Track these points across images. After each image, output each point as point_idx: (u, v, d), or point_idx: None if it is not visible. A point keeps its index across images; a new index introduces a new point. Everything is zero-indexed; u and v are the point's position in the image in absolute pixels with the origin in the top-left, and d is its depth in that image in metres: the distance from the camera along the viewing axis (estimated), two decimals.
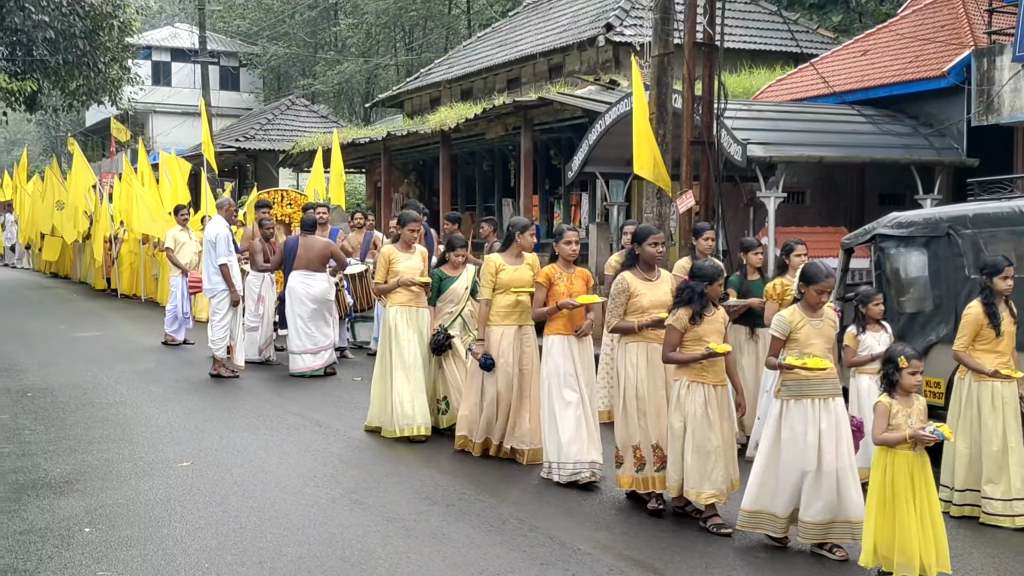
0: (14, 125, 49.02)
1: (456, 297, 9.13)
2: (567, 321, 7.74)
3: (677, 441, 6.63)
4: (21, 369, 12.93)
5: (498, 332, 8.22)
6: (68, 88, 24.36)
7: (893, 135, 13.51)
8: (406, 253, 9.44)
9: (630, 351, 7.05)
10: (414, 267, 9.35)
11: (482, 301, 8.34)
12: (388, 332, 9.20)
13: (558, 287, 7.74)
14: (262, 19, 48.03)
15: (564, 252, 7.87)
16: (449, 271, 9.16)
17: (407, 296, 9.25)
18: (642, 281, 7.11)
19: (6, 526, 6.58)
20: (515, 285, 8.18)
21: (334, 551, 6.14)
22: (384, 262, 9.36)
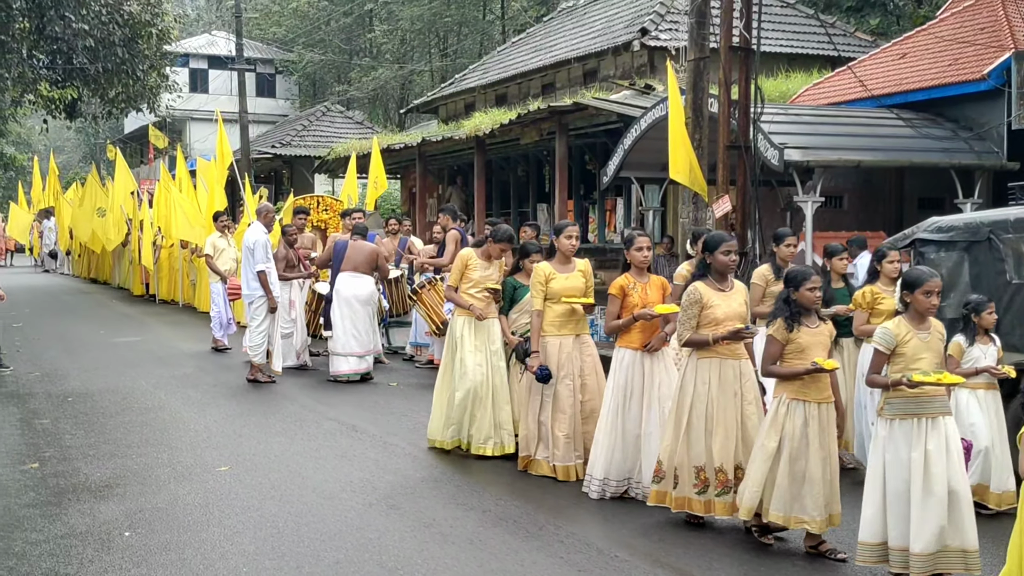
0: (54, 132, 49.68)
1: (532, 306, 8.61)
2: (643, 333, 7.34)
3: (767, 462, 6.20)
4: (62, 374, 13.07)
5: (555, 343, 7.87)
6: (107, 96, 24.60)
7: (932, 139, 13.39)
8: (485, 262, 8.94)
9: (703, 368, 6.66)
10: (489, 278, 8.89)
11: (534, 311, 7.97)
12: (454, 344, 8.78)
13: (632, 298, 7.34)
14: (298, 26, 48.34)
15: (636, 259, 7.47)
16: (523, 279, 8.64)
17: (476, 305, 8.82)
18: (715, 292, 6.72)
19: (47, 530, 6.65)
20: (567, 294, 7.85)
21: (371, 556, 6.16)
22: (461, 265, 8.90)
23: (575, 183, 20.93)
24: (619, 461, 7.31)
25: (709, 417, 6.60)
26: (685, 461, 6.67)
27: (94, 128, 53.70)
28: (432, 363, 13.48)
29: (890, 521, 5.73)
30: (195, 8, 62.91)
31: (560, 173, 17.82)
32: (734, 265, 6.87)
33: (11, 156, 40.63)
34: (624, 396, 7.32)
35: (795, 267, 6.61)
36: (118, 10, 22.42)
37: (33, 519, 6.88)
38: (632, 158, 14.54)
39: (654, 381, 7.32)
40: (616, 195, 19.70)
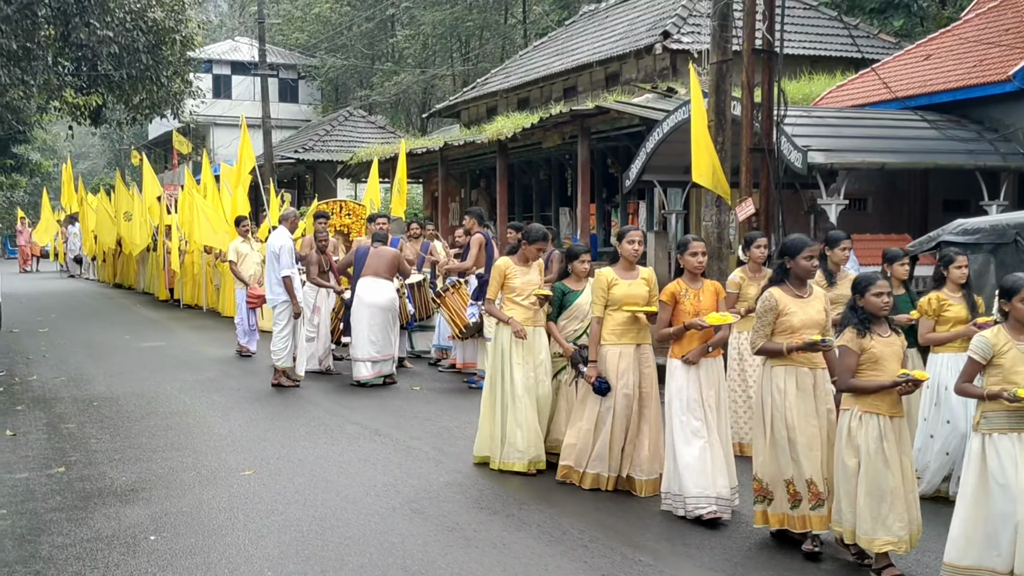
0: (79, 139, 50.02)
1: (582, 313, 8.25)
2: (698, 342, 7.08)
3: (851, 480, 5.89)
4: (88, 379, 13.15)
5: (615, 352, 7.58)
6: (131, 102, 24.72)
7: (957, 140, 13.30)
8: (523, 267, 8.54)
9: (777, 376, 6.38)
10: (531, 282, 8.48)
11: (593, 319, 7.66)
12: (500, 354, 8.37)
13: (684, 305, 7.07)
14: (320, 32, 48.53)
15: (690, 265, 7.20)
16: (572, 284, 8.32)
17: (522, 314, 8.38)
18: (793, 298, 6.42)
19: (74, 533, 6.69)
20: (629, 301, 7.56)
21: (395, 560, 6.16)
22: (499, 276, 8.48)
23: (597, 187, 20.91)
24: (696, 475, 6.94)
25: (791, 427, 6.30)
26: (775, 475, 6.39)
27: (118, 134, 54.01)
28: (455, 367, 13.51)
29: (993, 545, 5.42)
30: (218, 14, 63.26)
31: (582, 177, 17.81)
32: (815, 271, 6.63)
33: (37, 162, 40.95)
34: (681, 406, 7.06)
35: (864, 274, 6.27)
36: (142, 17, 22.53)
37: (59, 523, 6.92)
38: (654, 161, 14.52)
39: (709, 387, 7.08)
40: (638, 198, 19.65)
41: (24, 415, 10.78)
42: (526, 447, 8.16)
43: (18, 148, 38.45)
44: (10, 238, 51.75)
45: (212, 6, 60.33)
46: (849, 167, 12.10)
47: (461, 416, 10.57)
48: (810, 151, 11.77)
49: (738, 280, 8.82)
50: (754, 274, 8.82)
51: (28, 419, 10.56)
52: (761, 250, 8.84)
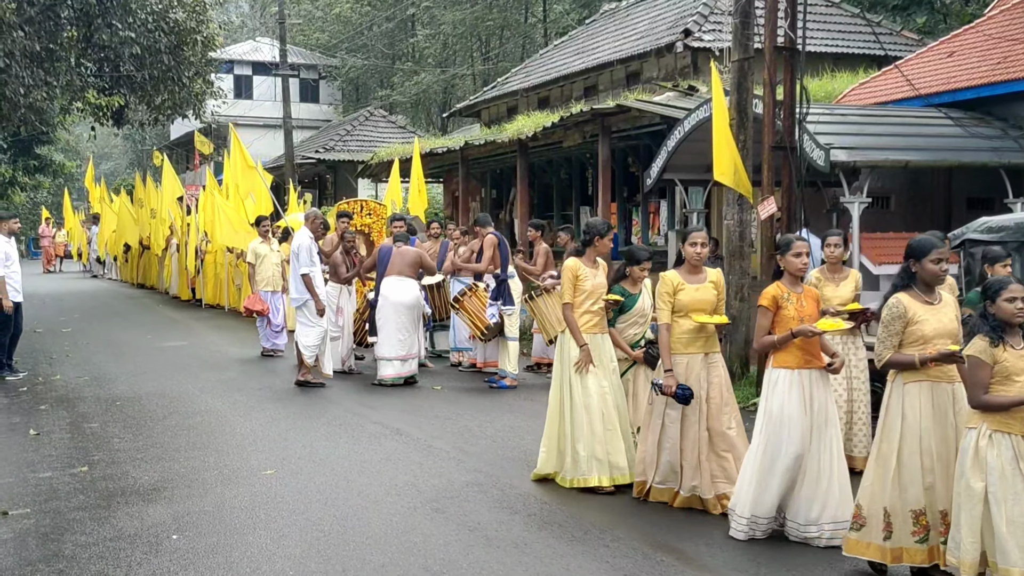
0: (101, 140, 50.29)
1: (643, 316, 8.07)
2: (801, 352, 6.50)
3: (977, 506, 5.34)
4: (110, 378, 13.22)
5: (682, 361, 7.16)
6: (153, 103, 24.86)
7: (981, 138, 13.18)
8: (592, 268, 8.02)
9: (910, 392, 5.78)
10: (601, 285, 8.00)
11: (660, 325, 7.22)
12: (565, 363, 7.92)
13: (787, 310, 6.55)
14: (341, 32, 48.66)
15: (793, 267, 6.66)
16: (630, 287, 8.12)
17: (588, 320, 7.91)
18: (922, 305, 5.83)
19: (97, 532, 6.71)
20: (696, 307, 7.17)
21: (416, 560, 6.15)
22: (571, 278, 7.91)
23: (618, 185, 20.85)
24: (771, 498, 6.50)
25: (925, 452, 5.73)
26: (898, 506, 5.77)
27: (141, 135, 54.35)
28: (475, 367, 13.51)
29: None
30: (239, 15, 63.49)
31: (603, 176, 17.76)
32: (945, 275, 6.06)
33: (60, 163, 41.21)
34: (779, 424, 6.47)
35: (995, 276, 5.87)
36: (164, 18, 22.65)
37: (83, 522, 6.96)
38: (676, 160, 14.45)
39: (814, 406, 6.49)
40: (660, 197, 19.60)
41: (47, 414, 10.85)
42: (599, 462, 7.69)
43: (41, 149, 38.72)
44: (34, 240, 52.13)
45: (233, 7, 60.54)
46: (872, 165, 12.00)
47: (482, 415, 10.57)
48: (833, 149, 11.68)
49: (814, 281, 8.35)
50: (832, 274, 8.50)
51: (51, 418, 10.62)
52: (833, 249, 8.47)
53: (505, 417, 10.54)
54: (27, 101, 19.83)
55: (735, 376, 11.97)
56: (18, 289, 13.13)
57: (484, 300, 12.47)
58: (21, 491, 7.79)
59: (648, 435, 7.38)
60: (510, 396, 11.83)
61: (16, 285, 13.07)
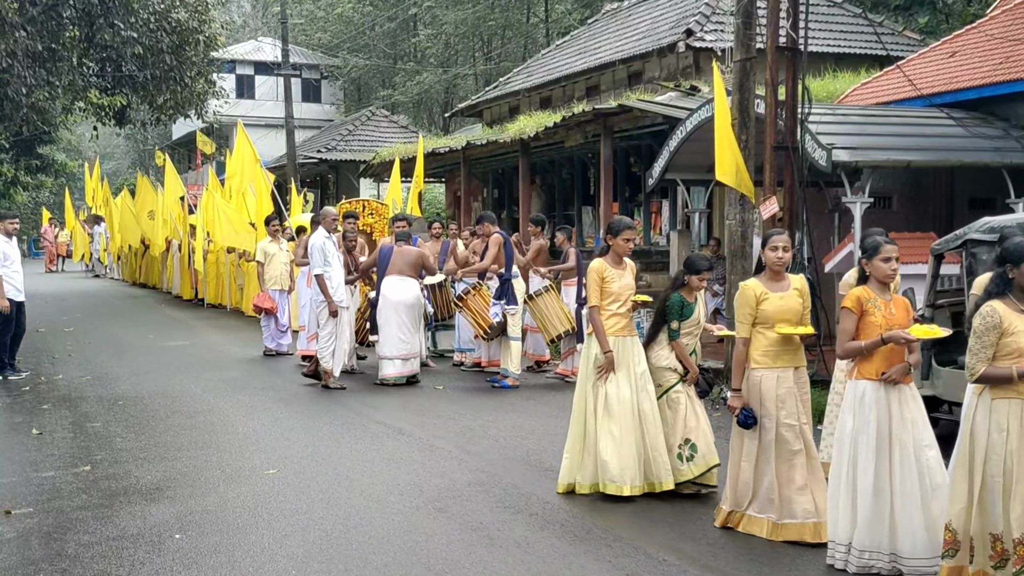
0: (103, 139, 50.35)
1: (696, 326, 7.71)
2: (886, 361, 5.97)
3: None
4: (113, 378, 13.23)
5: (771, 377, 6.57)
6: (156, 102, 24.91)
7: (983, 138, 13.18)
8: (618, 269, 7.73)
9: (998, 410, 5.40)
10: (628, 286, 7.73)
11: (738, 339, 6.70)
12: (590, 368, 7.64)
13: (873, 317, 6.01)
14: (343, 32, 48.67)
15: (881, 272, 6.11)
16: (688, 295, 7.69)
17: (616, 323, 7.62)
18: (1019, 315, 5.47)
19: (99, 532, 6.72)
20: (781, 317, 6.58)
21: (419, 559, 6.16)
22: (596, 280, 7.62)
23: (620, 185, 20.86)
24: (869, 524, 5.91)
25: (1007, 473, 5.35)
26: (979, 528, 5.46)
27: (143, 134, 54.39)
28: (479, 366, 13.52)
29: None
30: (241, 15, 63.51)
31: (605, 175, 17.77)
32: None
33: (62, 163, 41.24)
34: (868, 441, 5.93)
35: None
36: (166, 18, 22.69)
37: (85, 521, 6.96)
38: (678, 160, 14.46)
39: (904, 421, 5.97)
40: (661, 197, 19.61)
41: (50, 414, 10.86)
42: (621, 468, 7.37)
43: (43, 149, 38.74)
44: (35, 241, 52.18)
45: (235, 6, 60.58)
46: (874, 165, 12.00)
47: (484, 415, 10.58)
48: (834, 149, 11.69)
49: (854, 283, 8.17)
50: None
51: (54, 418, 10.63)
52: None
53: (507, 417, 10.55)
54: (29, 101, 19.88)
55: None
56: (19, 289, 13.12)
57: (488, 299, 12.49)
58: (24, 490, 7.80)
59: (741, 460, 6.74)
60: (512, 396, 11.84)
61: (17, 284, 13.06)
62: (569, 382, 12.75)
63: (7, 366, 13.19)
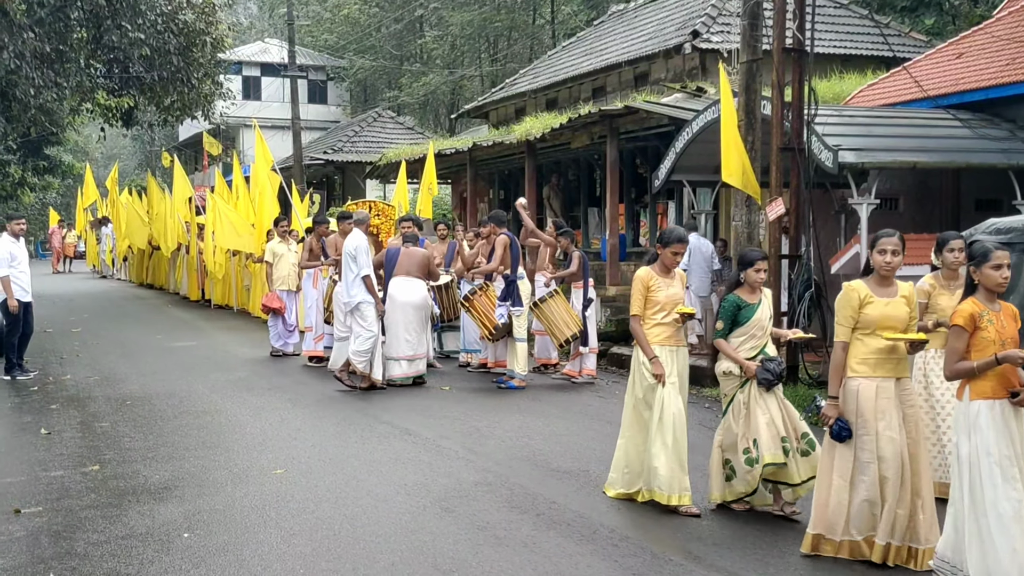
0: (110, 140, 50.45)
1: (761, 329, 7.18)
2: (1000, 380, 5.54)
3: None
4: (120, 378, 13.28)
5: (870, 387, 6.09)
6: (163, 104, 24.97)
7: (990, 139, 13.18)
8: (665, 278, 7.46)
9: None
10: (675, 296, 7.45)
11: (837, 343, 6.23)
12: (638, 378, 7.42)
13: (986, 333, 5.58)
14: (349, 33, 48.72)
15: (992, 280, 5.67)
16: (746, 295, 7.22)
17: (660, 333, 7.38)
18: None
19: (109, 531, 6.76)
20: (886, 324, 6.13)
21: (426, 559, 6.19)
22: (641, 288, 7.39)
23: (626, 187, 20.87)
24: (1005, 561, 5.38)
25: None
26: None
27: (149, 136, 54.46)
28: (486, 367, 13.54)
29: None
30: (248, 16, 63.60)
31: (611, 177, 17.79)
32: None
33: (69, 164, 41.31)
34: (992, 465, 5.49)
35: None
36: (173, 19, 22.75)
37: (94, 520, 7.00)
38: (684, 161, 14.48)
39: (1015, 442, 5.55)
40: (668, 199, 19.60)
41: (58, 414, 10.91)
42: (671, 477, 7.16)
43: (50, 150, 38.78)
44: (41, 243, 52.27)
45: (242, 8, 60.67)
46: (880, 167, 12.01)
47: (491, 416, 10.61)
48: (841, 150, 11.70)
49: (927, 288, 7.58)
50: (948, 282, 7.61)
51: (62, 418, 10.68)
52: (955, 254, 7.54)
53: (514, 417, 10.57)
54: (37, 102, 19.93)
55: None
56: (26, 289, 13.17)
57: (494, 300, 12.51)
58: (33, 489, 7.84)
59: (833, 478, 6.22)
60: (518, 397, 11.86)
61: (24, 285, 13.11)
62: (575, 383, 12.78)
63: (16, 366, 13.24)
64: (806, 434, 7.06)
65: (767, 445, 6.94)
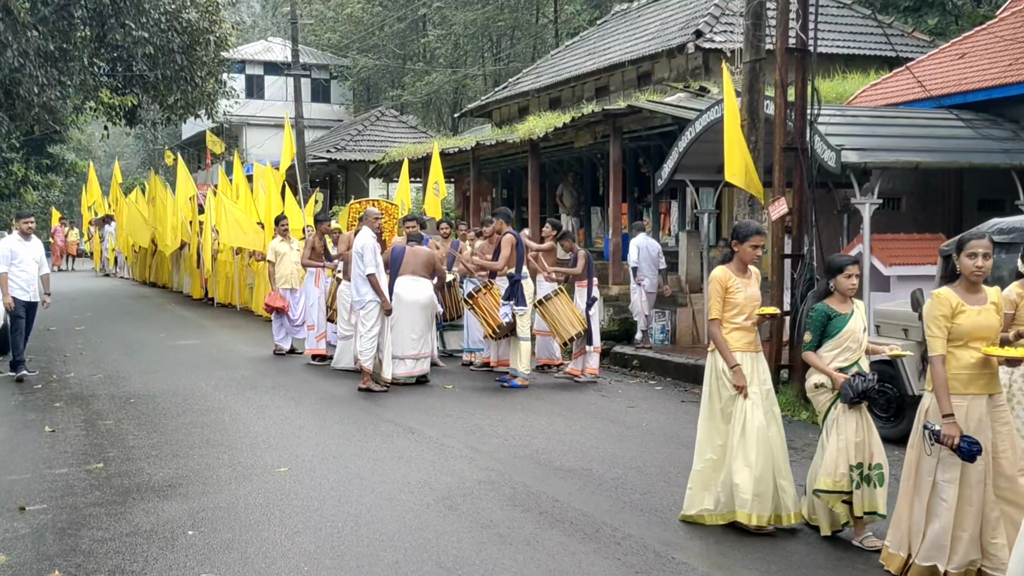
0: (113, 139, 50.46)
1: (855, 342, 6.57)
2: None
3: None
4: (124, 376, 13.30)
5: (960, 406, 5.67)
6: (166, 102, 25.01)
7: (992, 139, 13.19)
8: (743, 278, 6.92)
9: None
10: (754, 297, 6.91)
11: (934, 357, 5.70)
12: (715, 386, 6.88)
13: None
14: (352, 32, 48.77)
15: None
16: (837, 305, 6.63)
17: (743, 338, 6.84)
18: None
19: (113, 528, 6.78)
20: (978, 335, 5.71)
21: (429, 556, 6.21)
22: (719, 290, 6.86)
23: (629, 186, 20.89)
24: None
25: None
26: None
27: (152, 134, 54.52)
28: (488, 365, 13.57)
29: None
30: (251, 15, 63.67)
31: (614, 176, 17.81)
32: None
33: (72, 162, 41.36)
34: None
35: None
36: (177, 18, 22.79)
37: (99, 518, 7.02)
38: (687, 161, 14.49)
39: None
40: (670, 198, 19.64)
41: (62, 412, 10.94)
42: (754, 495, 6.60)
43: (54, 148, 38.84)
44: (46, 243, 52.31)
45: (245, 7, 60.71)
46: (883, 166, 12.02)
47: (494, 414, 10.63)
48: (844, 150, 11.71)
49: (1014, 297, 6.90)
50: None
51: (66, 416, 10.70)
52: None
53: (517, 416, 10.59)
54: (41, 100, 19.97)
55: None
56: (25, 288, 12.94)
57: (498, 298, 12.53)
58: (38, 487, 7.86)
59: (914, 499, 5.89)
60: (521, 395, 11.88)
61: (23, 284, 12.90)
62: (579, 382, 12.80)
63: (21, 364, 13.18)
64: (879, 465, 6.43)
65: (828, 470, 6.43)
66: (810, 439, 9.41)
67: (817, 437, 6.98)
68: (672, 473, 8.25)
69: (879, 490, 6.39)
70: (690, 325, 15.75)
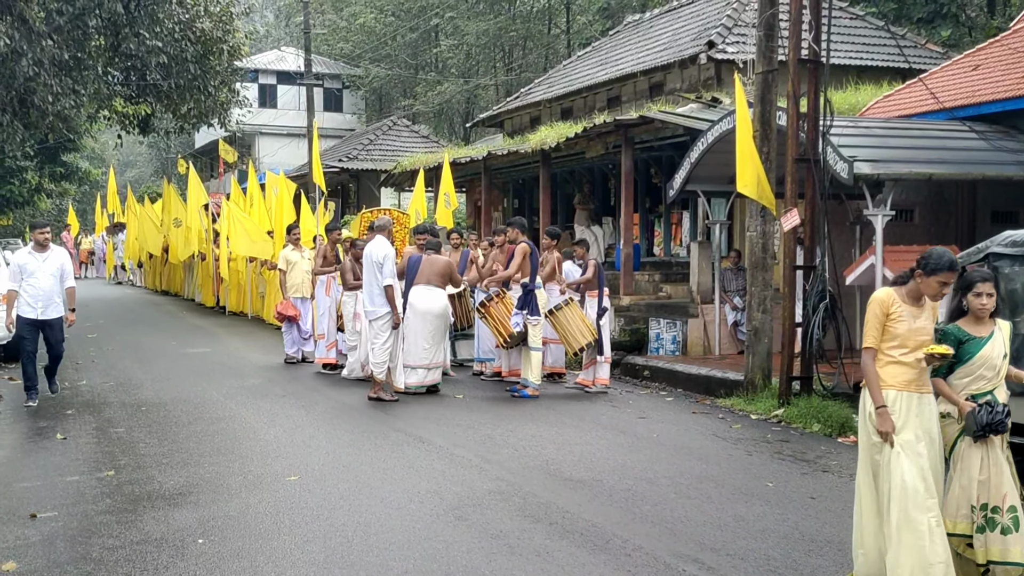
0: (127, 147, 50.77)
1: (992, 369, 5.79)
2: None
3: None
4: (136, 384, 13.33)
5: None
6: (179, 111, 25.14)
7: (1006, 151, 13.15)
8: (913, 307, 5.75)
9: None
10: (922, 331, 5.72)
11: None
12: (868, 429, 5.76)
13: None
14: (365, 42, 48.92)
15: None
16: (970, 327, 5.84)
17: (900, 374, 5.69)
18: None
19: (124, 536, 6.79)
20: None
21: (439, 567, 6.19)
22: (879, 314, 5.74)
23: (640, 196, 20.88)
24: None
25: None
26: None
27: (166, 143, 54.76)
28: (498, 375, 13.56)
29: None
30: (264, 25, 63.94)
31: (626, 186, 17.80)
32: None
33: (86, 170, 41.57)
34: None
35: None
36: (191, 27, 22.91)
37: (110, 525, 7.03)
38: (698, 171, 14.49)
39: None
40: (682, 208, 19.61)
41: (74, 419, 10.96)
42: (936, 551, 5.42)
43: (67, 156, 39.07)
44: None
45: (259, 16, 61.00)
46: (896, 178, 11.99)
47: (504, 424, 10.62)
48: (856, 161, 11.69)
49: None
50: None
51: (78, 423, 10.73)
52: None
53: (527, 426, 10.58)
54: (55, 109, 20.07)
55: (756, 388, 11.98)
56: (32, 304, 11.77)
57: (510, 307, 12.52)
58: (49, 494, 7.88)
59: None
60: (532, 405, 11.87)
61: (29, 299, 11.75)
62: (589, 392, 12.79)
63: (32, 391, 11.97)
64: (1013, 507, 5.67)
65: (949, 511, 5.74)
66: (822, 451, 9.39)
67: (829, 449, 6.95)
68: (683, 485, 8.22)
69: (1013, 536, 5.61)
70: (701, 335, 15.71)
